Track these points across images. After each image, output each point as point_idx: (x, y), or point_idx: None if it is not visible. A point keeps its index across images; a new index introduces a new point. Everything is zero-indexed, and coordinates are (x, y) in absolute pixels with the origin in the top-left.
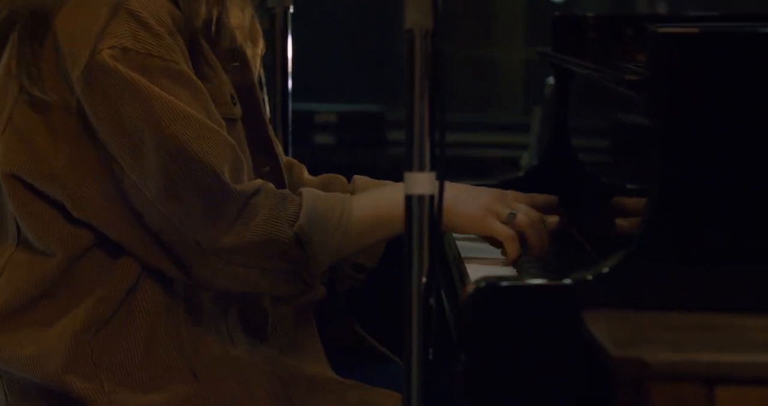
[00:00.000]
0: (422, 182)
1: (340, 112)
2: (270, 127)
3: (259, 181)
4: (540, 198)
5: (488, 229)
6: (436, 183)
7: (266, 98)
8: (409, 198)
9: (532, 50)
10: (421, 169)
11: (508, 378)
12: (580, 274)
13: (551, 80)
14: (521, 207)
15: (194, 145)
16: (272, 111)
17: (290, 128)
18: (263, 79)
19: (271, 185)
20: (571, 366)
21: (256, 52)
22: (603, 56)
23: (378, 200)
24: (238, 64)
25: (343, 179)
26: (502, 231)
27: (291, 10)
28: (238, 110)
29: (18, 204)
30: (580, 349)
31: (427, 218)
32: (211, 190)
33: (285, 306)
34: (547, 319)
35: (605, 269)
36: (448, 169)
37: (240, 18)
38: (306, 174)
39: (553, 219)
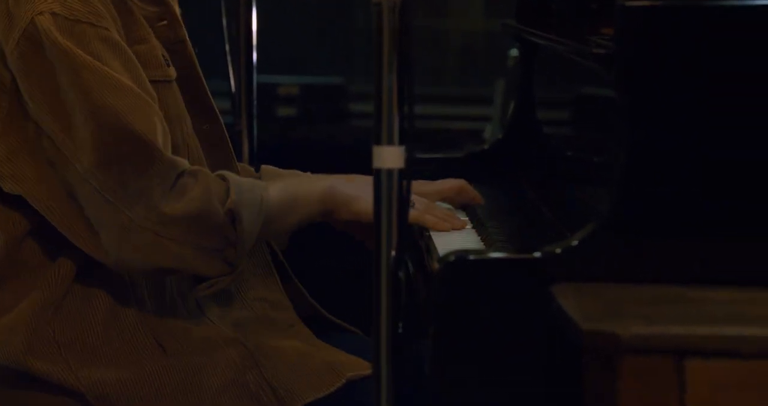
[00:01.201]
0: (392, 156)
1: (302, 84)
2: (205, 83)
3: (184, 161)
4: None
5: None
6: (405, 156)
7: (231, 71)
8: (378, 172)
9: (493, 22)
10: (390, 143)
11: (477, 352)
12: (549, 247)
13: (514, 52)
14: (416, 198)
15: (128, 116)
16: (236, 84)
17: (255, 101)
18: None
19: (197, 166)
20: (541, 340)
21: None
22: (567, 29)
23: (291, 185)
24: (166, 22)
25: (251, 169)
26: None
27: None
28: (172, 71)
29: None
30: (549, 322)
31: (396, 191)
32: (145, 160)
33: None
34: (516, 292)
35: (574, 242)
36: (416, 142)
37: None
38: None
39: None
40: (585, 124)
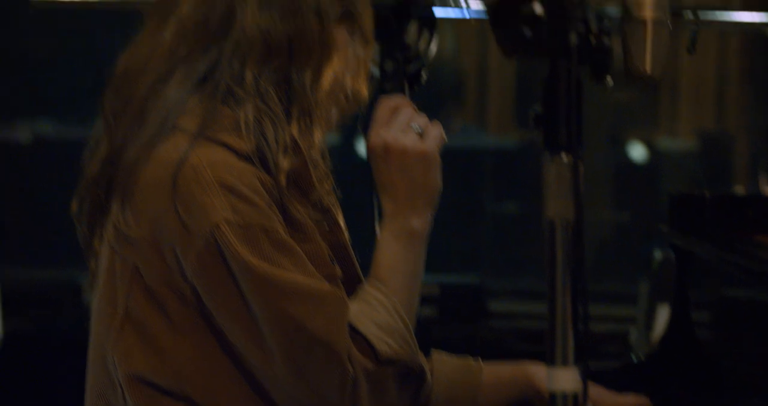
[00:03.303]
0: (567, 378)
1: (441, 283)
2: None
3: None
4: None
5: None
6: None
7: None
8: (552, 396)
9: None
10: (565, 363)
11: None
12: None
13: (658, 255)
14: None
15: (310, 322)
16: None
17: None
18: None
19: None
20: None
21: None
22: (724, 237)
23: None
24: (327, 228)
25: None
26: None
27: None
28: (338, 270)
29: (142, 404)
30: None
31: None
32: (333, 370)
33: None
34: None
35: None
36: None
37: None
38: None
39: None
40: (748, 337)
